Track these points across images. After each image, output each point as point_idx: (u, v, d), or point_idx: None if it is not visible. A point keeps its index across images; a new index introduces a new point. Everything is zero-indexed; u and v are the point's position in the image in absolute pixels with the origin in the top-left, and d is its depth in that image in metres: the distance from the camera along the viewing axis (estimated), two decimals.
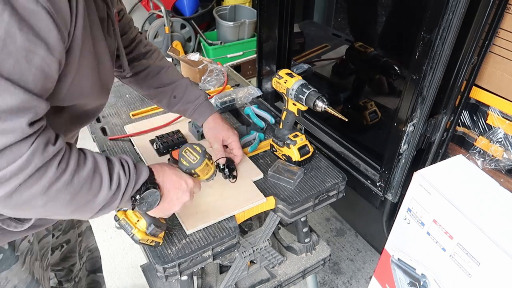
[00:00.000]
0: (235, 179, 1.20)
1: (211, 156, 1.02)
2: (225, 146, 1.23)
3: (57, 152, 0.66)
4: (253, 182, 1.21)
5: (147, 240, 0.92)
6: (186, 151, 0.95)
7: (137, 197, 0.79)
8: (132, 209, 0.82)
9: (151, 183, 0.82)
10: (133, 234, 0.89)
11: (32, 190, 0.64)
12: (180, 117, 1.45)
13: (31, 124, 0.61)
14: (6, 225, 0.85)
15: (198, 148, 0.96)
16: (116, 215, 0.90)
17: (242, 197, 1.13)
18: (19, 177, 0.61)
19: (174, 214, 1.04)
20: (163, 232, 0.97)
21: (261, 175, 1.23)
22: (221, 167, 1.20)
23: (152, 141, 1.33)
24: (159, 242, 0.96)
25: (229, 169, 1.20)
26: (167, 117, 1.49)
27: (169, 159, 1.25)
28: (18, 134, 0.60)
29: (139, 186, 0.78)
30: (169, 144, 1.30)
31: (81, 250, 1.39)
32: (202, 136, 1.37)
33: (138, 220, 0.89)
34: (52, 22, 0.58)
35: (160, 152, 1.29)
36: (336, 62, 1.60)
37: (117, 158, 0.78)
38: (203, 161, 0.95)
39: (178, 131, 1.37)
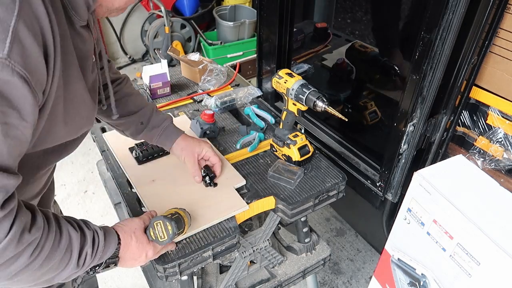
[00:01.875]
0: (216, 185, 1.18)
1: (185, 210, 1.01)
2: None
3: (32, 240, 0.63)
4: (235, 189, 1.18)
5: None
6: (158, 224, 0.92)
7: (97, 268, 0.81)
8: (87, 273, 0.82)
9: (113, 258, 0.83)
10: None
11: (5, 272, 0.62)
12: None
13: (2, 205, 0.59)
14: None
15: (169, 227, 0.92)
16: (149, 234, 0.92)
17: (223, 206, 1.11)
18: None
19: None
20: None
21: (243, 182, 1.20)
22: (202, 175, 1.18)
23: (131, 149, 1.29)
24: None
25: (209, 177, 1.17)
26: None
27: None
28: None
29: (102, 261, 0.80)
30: (149, 152, 1.26)
31: None
32: (205, 134, 1.38)
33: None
34: (28, 88, 0.56)
35: (140, 160, 1.25)
36: (336, 63, 1.60)
37: (90, 232, 0.76)
38: (171, 239, 0.93)
39: None
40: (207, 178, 1.17)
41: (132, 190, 1.18)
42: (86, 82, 0.79)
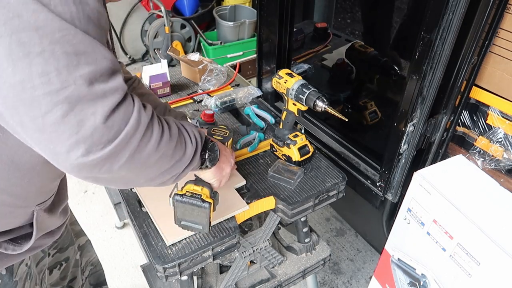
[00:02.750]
0: None
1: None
2: None
3: (152, 111, 0.68)
4: (235, 189, 1.18)
5: (213, 208, 0.97)
6: (215, 130, 1.07)
7: (205, 153, 0.86)
8: (200, 167, 0.88)
9: (209, 141, 0.89)
10: (204, 201, 0.93)
11: (148, 147, 0.66)
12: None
13: (124, 97, 0.63)
14: (4, 248, 0.82)
15: (223, 127, 1.08)
16: (178, 193, 0.94)
17: (223, 206, 1.10)
18: (137, 135, 0.63)
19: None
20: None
21: (243, 182, 1.20)
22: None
23: None
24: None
25: None
26: None
27: None
28: (121, 91, 0.61)
29: (204, 141, 0.85)
30: None
31: (82, 265, 1.36)
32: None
33: (201, 189, 0.96)
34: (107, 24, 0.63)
35: None
36: (336, 63, 1.60)
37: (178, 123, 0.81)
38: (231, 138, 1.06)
39: None
40: None
41: (132, 190, 1.18)
42: None
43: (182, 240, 1.02)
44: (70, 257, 1.21)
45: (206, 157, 0.87)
